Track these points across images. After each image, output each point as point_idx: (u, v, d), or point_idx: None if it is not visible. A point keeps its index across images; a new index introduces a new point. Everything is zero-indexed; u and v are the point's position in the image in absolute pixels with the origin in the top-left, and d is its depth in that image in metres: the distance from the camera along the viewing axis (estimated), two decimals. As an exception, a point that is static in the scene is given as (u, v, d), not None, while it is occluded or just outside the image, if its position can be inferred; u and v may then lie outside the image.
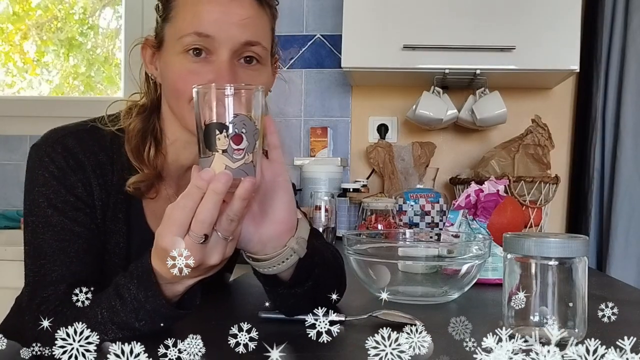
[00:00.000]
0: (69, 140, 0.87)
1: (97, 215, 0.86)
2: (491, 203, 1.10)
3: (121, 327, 0.68)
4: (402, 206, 1.83)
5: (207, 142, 0.62)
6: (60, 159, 0.85)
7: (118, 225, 0.89)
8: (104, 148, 0.89)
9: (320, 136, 2.16)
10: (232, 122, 0.61)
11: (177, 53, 0.84)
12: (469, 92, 2.03)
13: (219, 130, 0.61)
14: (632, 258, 1.93)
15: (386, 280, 0.82)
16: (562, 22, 1.79)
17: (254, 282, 1.11)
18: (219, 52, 0.83)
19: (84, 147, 0.87)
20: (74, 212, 0.84)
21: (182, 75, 0.83)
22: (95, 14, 2.61)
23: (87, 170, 0.86)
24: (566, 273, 0.63)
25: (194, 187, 0.61)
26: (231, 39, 0.83)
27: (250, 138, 0.62)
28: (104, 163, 0.88)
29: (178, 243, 0.61)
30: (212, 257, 0.65)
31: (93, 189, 0.86)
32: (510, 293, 0.65)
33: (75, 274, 0.81)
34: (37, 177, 0.85)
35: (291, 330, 0.67)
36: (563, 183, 2.08)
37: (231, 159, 0.61)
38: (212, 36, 0.82)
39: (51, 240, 0.82)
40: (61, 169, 0.84)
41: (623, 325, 0.76)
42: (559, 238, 0.63)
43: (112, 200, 0.88)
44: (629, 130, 1.95)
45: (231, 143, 0.61)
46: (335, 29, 2.09)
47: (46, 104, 2.41)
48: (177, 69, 0.84)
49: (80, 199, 0.85)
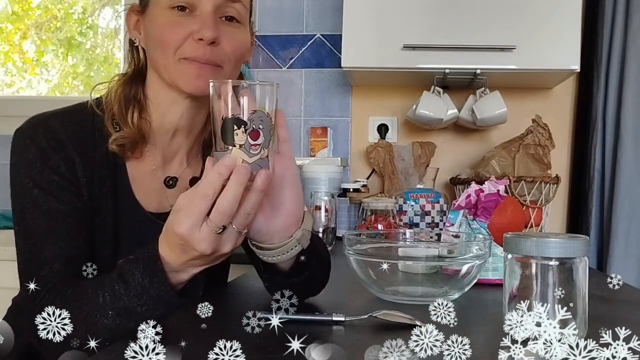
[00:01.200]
0: (51, 121, 0.88)
1: (83, 192, 0.87)
2: (491, 203, 1.10)
3: (121, 312, 0.69)
4: (402, 206, 1.83)
5: (224, 136, 0.63)
6: (41, 139, 0.85)
7: (104, 200, 0.89)
8: (86, 127, 0.90)
9: (320, 136, 2.15)
10: (250, 118, 0.63)
11: (162, 9, 0.88)
12: (469, 92, 2.02)
13: (237, 126, 0.62)
14: (632, 258, 1.93)
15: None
16: (562, 22, 1.79)
17: (253, 282, 1.11)
18: (203, 6, 0.87)
19: (66, 126, 0.88)
20: (59, 192, 0.84)
21: (167, 26, 0.87)
22: (95, 14, 2.61)
23: (69, 148, 0.86)
24: (567, 273, 0.62)
25: (216, 174, 0.62)
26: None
27: (267, 134, 0.64)
28: (85, 141, 0.89)
29: (197, 231, 0.63)
30: (224, 247, 0.67)
31: (76, 167, 0.86)
32: (510, 293, 0.65)
33: (68, 252, 0.82)
34: (20, 159, 0.86)
35: (291, 330, 0.66)
36: (563, 183, 2.07)
37: (248, 153, 0.62)
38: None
39: (40, 220, 0.83)
40: (43, 149, 0.85)
41: (623, 325, 0.76)
42: (559, 238, 0.63)
43: (97, 177, 0.89)
44: (630, 131, 1.94)
45: (249, 138, 0.62)
46: (335, 28, 2.09)
47: (46, 103, 2.41)
48: (163, 21, 0.87)
49: (64, 178, 0.85)
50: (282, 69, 2.24)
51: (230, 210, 0.63)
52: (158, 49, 0.89)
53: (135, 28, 0.95)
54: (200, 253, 0.66)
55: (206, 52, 0.86)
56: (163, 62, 0.89)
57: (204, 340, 0.47)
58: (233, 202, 0.63)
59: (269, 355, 0.57)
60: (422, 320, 0.70)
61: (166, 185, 0.97)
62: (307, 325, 0.69)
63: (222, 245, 0.67)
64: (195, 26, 0.86)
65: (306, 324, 0.70)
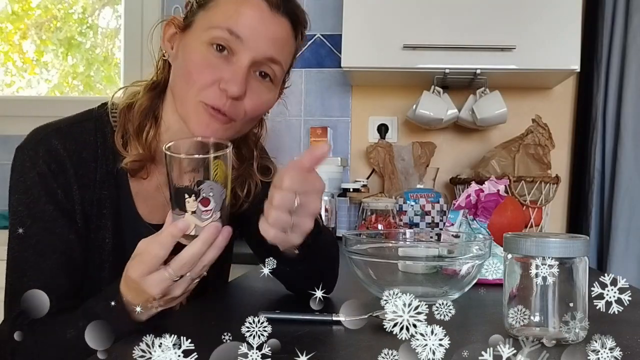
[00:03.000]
0: (52, 140, 0.86)
1: (78, 219, 0.86)
2: (491, 203, 1.10)
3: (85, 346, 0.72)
4: (402, 206, 1.83)
5: (177, 203, 0.68)
6: (41, 163, 0.84)
7: (104, 221, 0.88)
8: (88, 144, 0.88)
9: (320, 136, 2.15)
10: (200, 188, 0.67)
11: (201, 42, 0.84)
12: (469, 92, 2.02)
13: (188, 195, 0.67)
14: (632, 258, 1.93)
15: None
16: (562, 21, 1.79)
17: (253, 282, 1.11)
18: (242, 56, 0.83)
19: (67, 144, 0.86)
20: (51, 223, 0.83)
21: (200, 64, 0.84)
22: (95, 14, 2.61)
23: (69, 172, 0.85)
24: (567, 273, 0.62)
25: (170, 236, 0.68)
26: (258, 48, 0.84)
27: (217, 199, 0.68)
28: (87, 160, 0.87)
29: (149, 277, 0.69)
30: (175, 291, 0.72)
31: (73, 193, 0.85)
32: (510, 293, 0.65)
33: (50, 290, 0.82)
34: (19, 183, 0.85)
35: (291, 330, 0.66)
36: (563, 183, 2.07)
37: (200, 219, 0.68)
38: (242, 38, 0.82)
39: (27, 253, 0.83)
40: (42, 174, 0.84)
41: (623, 325, 0.76)
42: (559, 238, 0.63)
43: (97, 198, 0.88)
44: (630, 130, 1.95)
45: (200, 206, 0.68)
46: (335, 28, 2.09)
47: (46, 103, 2.41)
48: (197, 57, 0.84)
49: (59, 207, 0.84)
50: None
51: (192, 263, 0.68)
52: (183, 80, 0.86)
53: (169, 40, 0.90)
54: (151, 296, 0.70)
55: (226, 104, 0.83)
56: (182, 95, 0.86)
57: (203, 339, 0.47)
58: (196, 257, 0.68)
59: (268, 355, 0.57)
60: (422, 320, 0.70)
61: None
62: (307, 325, 0.69)
63: (173, 290, 0.71)
64: (226, 75, 0.83)
65: (306, 324, 0.70)
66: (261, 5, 0.84)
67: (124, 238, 0.90)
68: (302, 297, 0.94)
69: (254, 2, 0.84)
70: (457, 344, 0.47)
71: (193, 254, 0.68)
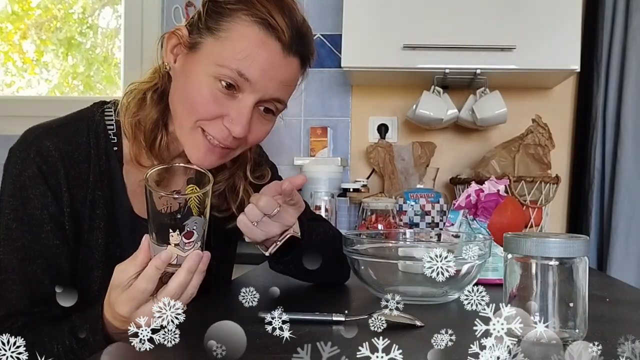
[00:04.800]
0: (44, 141, 0.85)
1: (66, 222, 0.85)
2: (491, 203, 1.10)
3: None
4: (402, 206, 1.83)
5: (161, 236, 0.69)
6: (33, 164, 0.84)
7: (96, 222, 0.88)
8: (81, 144, 0.88)
9: (320, 136, 2.15)
10: (185, 223, 0.69)
11: (208, 74, 0.81)
12: (469, 92, 2.03)
13: (172, 229, 0.69)
14: (632, 258, 1.93)
15: None
16: (562, 21, 1.79)
17: (253, 282, 1.11)
18: (247, 96, 0.81)
19: (59, 146, 0.86)
20: (38, 227, 0.83)
21: (205, 98, 0.81)
22: (95, 14, 2.61)
23: (60, 174, 0.85)
24: (567, 273, 0.62)
25: (154, 269, 0.68)
26: (266, 90, 0.82)
27: (200, 230, 0.70)
28: (79, 161, 0.87)
29: (137, 312, 0.69)
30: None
31: (63, 195, 0.85)
32: (510, 293, 0.65)
33: (35, 293, 0.83)
34: (8, 185, 0.84)
35: (291, 330, 0.66)
36: (563, 183, 2.07)
37: (182, 250, 0.69)
38: (251, 81, 0.80)
39: (11, 256, 0.83)
40: (32, 177, 0.83)
41: (623, 325, 0.76)
42: (559, 238, 0.63)
43: (90, 198, 0.87)
44: (630, 130, 1.95)
45: (183, 238, 0.69)
46: (335, 28, 2.09)
47: (46, 103, 2.41)
48: (202, 89, 0.81)
49: (47, 210, 0.84)
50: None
51: (180, 292, 0.69)
52: (184, 106, 0.84)
53: (172, 52, 0.86)
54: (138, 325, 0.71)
55: (227, 139, 0.83)
56: (180, 119, 0.85)
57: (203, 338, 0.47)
58: (183, 286, 0.69)
59: (269, 355, 0.57)
60: (422, 320, 0.70)
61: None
62: (307, 325, 0.69)
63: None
64: (232, 113, 0.81)
65: (306, 324, 0.70)
66: (276, 49, 0.81)
67: (120, 238, 0.90)
68: (303, 297, 0.95)
69: (269, 46, 0.80)
70: (457, 344, 0.47)
71: (179, 284, 0.69)
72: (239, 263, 1.18)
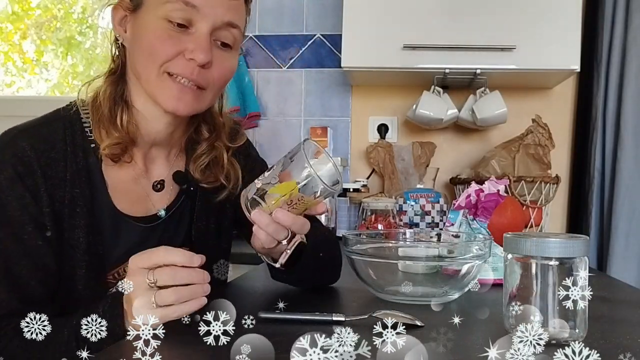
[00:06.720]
0: (19, 141, 0.85)
1: (47, 222, 0.84)
2: (491, 203, 1.10)
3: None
4: (402, 206, 1.83)
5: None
6: (8, 166, 0.83)
7: (77, 220, 0.86)
8: (57, 143, 0.87)
9: (320, 136, 2.15)
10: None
11: (157, 17, 0.84)
12: (469, 92, 2.03)
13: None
14: (632, 258, 1.93)
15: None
16: (562, 21, 1.79)
17: (253, 282, 1.11)
18: (200, 25, 0.84)
19: (35, 145, 0.85)
20: (19, 228, 0.82)
21: (161, 37, 0.84)
22: (95, 14, 2.60)
23: (37, 174, 0.84)
24: (567, 273, 0.62)
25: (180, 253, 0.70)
26: (215, 15, 0.85)
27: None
28: (56, 160, 0.86)
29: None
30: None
31: (42, 195, 0.84)
32: (510, 293, 0.65)
33: (22, 296, 0.82)
34: None
35: (291, 330, 0.66)
36: (563, 183, 2.07)
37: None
38: (197, 7, 0.83)
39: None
40: (9, 179, 0.83)
41: (623, 325, 0.76)
42: (559, 238, 0.63)
43: (68, 197, 0.86)
44: (630, 130, 1.95)
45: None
46: (335, 28, 2.09)
47: (46, 103, 2.41)
48: (156, 31, 0.84)
49: (26, 211, 0.83)
50: (282, 69, 2.24)
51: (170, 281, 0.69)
52: (144, 57, 0.86)
53: (120, 24, 0.91)
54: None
55: (194, 72, 0.84)
56: (145, 72, 0.86)
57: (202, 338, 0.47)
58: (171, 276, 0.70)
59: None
60: (422, 320, 0.70)
61: (155, 190, 0.96)
62: (307, 325, 0.69)
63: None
64: (190, 45, 0.84)
65: (306, 324, 0.70)
66: None
67: (102, 235, 0.89)
68: (303, 297, 0.95)
69: None
70: (458, 344, 0.47)
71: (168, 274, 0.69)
72: (239, 263, 1.18)
